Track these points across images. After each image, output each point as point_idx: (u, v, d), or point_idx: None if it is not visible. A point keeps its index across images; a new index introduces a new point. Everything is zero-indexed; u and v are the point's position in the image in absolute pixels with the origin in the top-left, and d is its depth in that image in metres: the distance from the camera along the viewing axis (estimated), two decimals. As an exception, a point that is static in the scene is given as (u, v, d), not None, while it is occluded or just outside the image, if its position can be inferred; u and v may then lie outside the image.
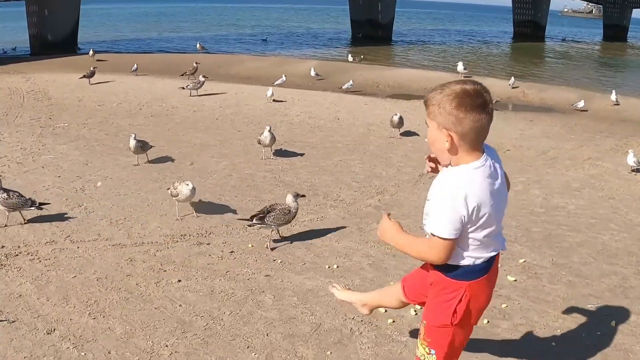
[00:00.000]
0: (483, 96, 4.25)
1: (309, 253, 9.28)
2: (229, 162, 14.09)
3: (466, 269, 4.47)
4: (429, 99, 4.34)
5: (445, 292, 4.57)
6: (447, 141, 4.24)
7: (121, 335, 6.70)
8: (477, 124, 4.22)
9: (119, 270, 8.32)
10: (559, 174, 14.69)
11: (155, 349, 6.47)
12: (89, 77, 25.30)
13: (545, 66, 45.74)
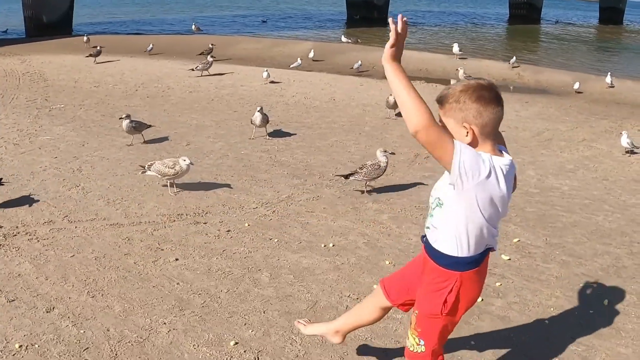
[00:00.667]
0: (496, 90, 4.38)
1: (305, 232, 9.35)
2: (225, 143, 14.15)
3: (460, 260, 4.51)
4: (445, 97, 4.40)
5: (437, 282, 4.63)
6: (468, 134, 4.30)
7: (120, 313, 6.77)
8: (495, 116, 4.34)
9: (116, 250, 8.39)
10: (553, 155, 14.75)
11: (154, 326, 6.55)
12: (95, 55, 25.48)
13: (541, 48, 45.67)
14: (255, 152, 13.51)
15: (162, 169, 10.60)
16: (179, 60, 27.09)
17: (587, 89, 25.96)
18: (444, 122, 4.38)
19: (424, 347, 4.79)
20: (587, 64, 36.17)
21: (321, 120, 17.25)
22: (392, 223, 9.90)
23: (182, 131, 15.02)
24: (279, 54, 30.96)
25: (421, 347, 4.80)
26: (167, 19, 48.13)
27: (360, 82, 23.94)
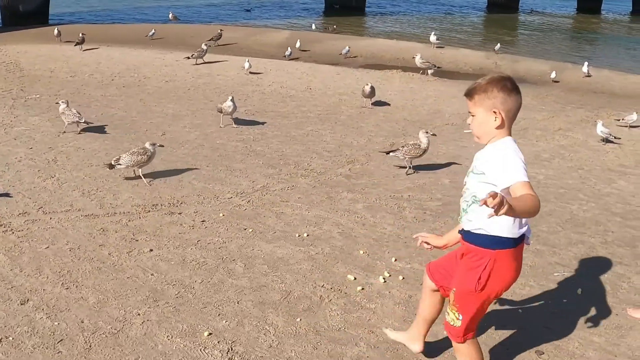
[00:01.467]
0: (514, 81, 5.08)
1: (279, 222, 9.39)
2: (201, 132, 14.14)
3: (495, 239, 4.99)
4: (474, 90, 5.06)
5: (473, 260, 5.11)
6: (497, 118, 4.97)
7: (94, 305, 6.79)
8: (517, 103, 5.04)
9: (91, 241, 8.39)
10: (529, 144, 14.83)
11: (128, 317, 6.57)
12: (80, 43, 25.38)
13: (519, 37, 45.74)
14: (231, 142, 13.51)
15: (134, 157, 10.62)
16: (155, 49, 26.94)
17: (564, 78, 26.07)
18: (472, 113, 5.09)
19: (461, 322, 5.27)
20: (565, 53, 36.28)
21: (297, 109, 17.26)
22: (366, 212, 9.95)
23: (158, 121, 15.00)
24: (255, 42, 30.87)
25: (459, 322, 5.28)
26: (142, 7, 47.83)
27: (336, 71, 23.92)
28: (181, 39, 30.28)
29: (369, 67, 26.13)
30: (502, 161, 4.89)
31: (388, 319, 6.82)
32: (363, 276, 7.77)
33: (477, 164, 5.14)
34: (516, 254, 5.15)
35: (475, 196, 5.03)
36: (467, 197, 5.17)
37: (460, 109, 18.30)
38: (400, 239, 8.98)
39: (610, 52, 38.80)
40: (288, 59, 26.54)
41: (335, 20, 43.24)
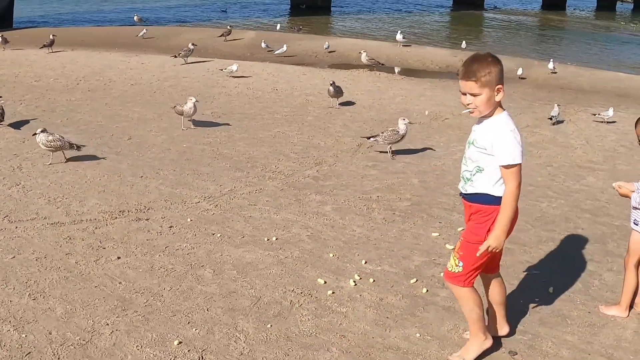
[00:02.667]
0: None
1: (247, 226, 9.31)
2: (167, 136, 14.02)
3: (498, 198, 5.61)
4: (476, 72, 5.48)
5: (483, 216, 5.70)
6: (502, 92, 5.57)
7: (62, 315, 6.68)
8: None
9: (58, 249, 8.26)
10: (497, 142, 14.81)
11: (96, 327, 6.47)
12: (49, 45, 25.19)
13: (485, 34, 45.93)
14: (198, 145, 13.41)
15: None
16: (120, 52, 26.75)
17: (531, 74, 26.21)
18: (477, 93, 5.51)
19: (461, 268, 5.83)
20: (531, 50, 36.50)
21: (264, 110, 17.18)
22: (335, 214, 9.90)
23: (124, 125, 14.84)
24: (222, 44, 30.74)
25: (459, 268, 5.84)
26: (105, 10, 47.52)
27: (302, 71, 23.87)
28: (145, 41, 30.12)
29: (335, 67, 26.14)
30: (503, 142, 5.51)
31: (359, 323, 6.77)
32: (333, 280, 7.72)
33: (478, 138, 5.66)
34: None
35: (479, 166, 5.65)
36: (470, 167, 5.74)
37: (428, 107, 18.34)
38: (370, 241, 8.95)
39: (576, 48, 39.08)
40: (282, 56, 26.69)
41: (301, 20, 43.23)
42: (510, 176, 5.51)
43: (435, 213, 10.18)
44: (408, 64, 28.32)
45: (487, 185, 5.63)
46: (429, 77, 25.49)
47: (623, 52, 39.55)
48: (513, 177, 5.50)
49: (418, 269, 8.14)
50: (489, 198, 5.65)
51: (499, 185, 5.60)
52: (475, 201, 5.75)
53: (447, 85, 23.02)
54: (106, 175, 11.11)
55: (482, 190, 5.68)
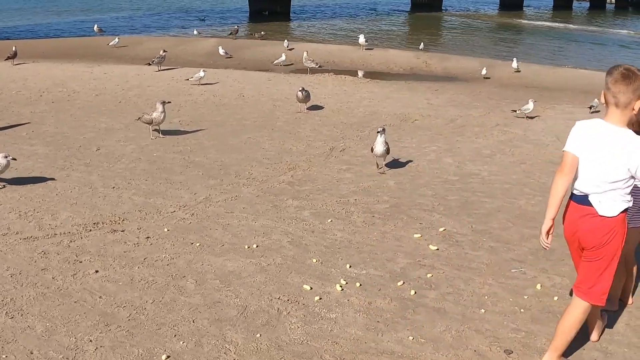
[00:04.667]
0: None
1: (226, 234, 9.13)
2: (137, 145, 13.77)
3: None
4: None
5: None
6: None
7: (42, 334, 6.42)
8: None
9: (33, 265, 7.99)
10: (469, 142, 14.82)
11: (79, 344, 6.23)
12: (12, 57, 24.84)
13: (446, 36, 46.13)
14: (168, 154, 13.18)
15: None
16: (82, 62, 26.41)
17: (495, 74, 26.30)
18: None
19: None
20: (492, 50, 36.65)
21: (232, 117, 16.99)
22: (314, 219, 9.75)
23: (91, 136, 14.55)
24: (184, 52, 30.46)
25: None
26: (63, 21, 47.00)
27: (268, 77, 23.74)
28: (106, 51, 29.82)
29: (299, 72, 26.01)
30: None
31: (350, 328, 6.61)
32: (319, 285, 7.56)
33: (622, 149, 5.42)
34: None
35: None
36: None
37: (396, 109, 18.26)
38: (352, 245, 8.81)
39: (536, 47, 39.29)
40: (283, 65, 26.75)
41: (261, 26, 43.04)
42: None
43: (414, 214, 10.05)
44: (372, 67, 28.20)
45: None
46: (394, 80, 25.44)
47: (583, 49, 39.86)
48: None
49: (404, 271, 8.02)
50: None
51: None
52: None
53: (413, 87, 23.00)
54: (77, 187, 10.86)
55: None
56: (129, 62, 26.86)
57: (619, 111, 5.46)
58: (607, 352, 6.38)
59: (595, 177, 5.53)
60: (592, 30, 53.14)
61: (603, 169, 5.46)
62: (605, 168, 5.45)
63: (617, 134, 5.45)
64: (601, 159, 5.47)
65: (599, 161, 5.48)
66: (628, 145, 5.39)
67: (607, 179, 5.47)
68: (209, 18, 52.53)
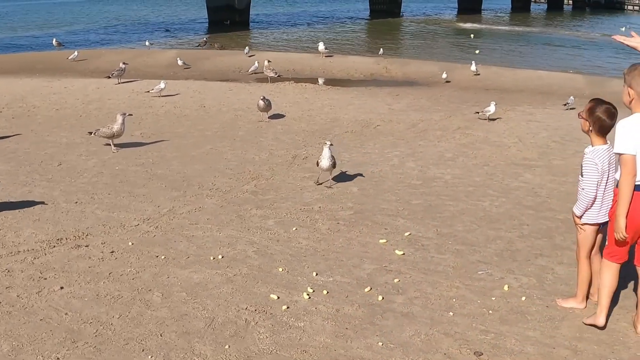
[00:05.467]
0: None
1: (191, 245, 9.07)
2: (98, 159, 13.66)
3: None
4: None
5: None
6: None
7: (8, 353, 6.33)
8: None
9: (-4, 283, 7.93)
10: (431, 146, 14.89)
11: (46, 362, 6.18)
12: None
13: (405, 41, 46.38)
14: (130, 167, 13.10)
15: None
16: (42, 77, 26.19)
17: (455, 77, 26.46)
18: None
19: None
20: (451, 54, 36.88)
21: (193, 128, 16.95)
22: (279, 228, 9.73)
23: (53, 151, 14.42)
24: (143, 64, 30.35)
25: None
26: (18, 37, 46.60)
27: (228, 87, 23.72)
28: (65, 65, 29.61)
29: (260, 81, 25.99)
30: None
31: (319, 336, 6.61)
32: (286, 294, 7.55)
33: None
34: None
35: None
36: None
37: (358, 115, 18.31)
38: (318, 252, 8.80)
39: (495, 49, 39.58)
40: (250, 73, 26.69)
41: (221, 36, 42.99)
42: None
43: (379, 220, 10.07)
44: (333, 74, 28.32)
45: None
46: (354, 86, 25.53)
47: (541, 51, 40.18)
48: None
49: (370, 277, 8.02)
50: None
51: None
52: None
53: (373, 92, 23.09)
54: (39, 203, 10.74)
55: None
56: (89, 75, 26.73)
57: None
58: (576, 350, 6.43)
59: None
60: (549, 32, 53.64)
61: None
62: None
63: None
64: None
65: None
66: None
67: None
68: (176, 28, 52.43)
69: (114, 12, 70.04)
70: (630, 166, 6.10)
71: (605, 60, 36.42)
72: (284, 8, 78.81)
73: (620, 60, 33.16)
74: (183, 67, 29.09)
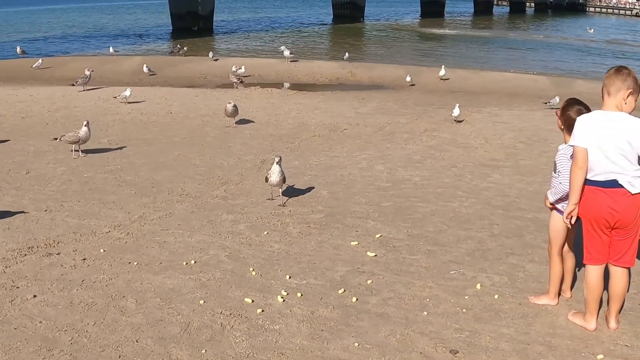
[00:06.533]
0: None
1: (163, 251, 9.05)
2: (67, 167, 13.58)
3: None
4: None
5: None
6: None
7: (-17, 362, 6.33)
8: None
9: (-32, 293, 7.87)
10: (399, 148, 14.97)
11: (22, 371, 6.15)
12: None
13: (369, 45, 46.53)
14: (99, 174, 13.04)
15: None
16: (6, 85, 26.01)
17: (420, 80, 26.60)
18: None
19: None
20: (416, 57, 37.07)
21: (161, 134, 16.90)
22: (250, 232, 9.74)
23: (20, 159, 14.30)
24: (109, 71, 30.27)
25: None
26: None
27: (195, 93, 23.71)
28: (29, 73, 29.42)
29: (225, 87, 26.00)
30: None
31: (295, 338, 6.62)
32: (260, 298, 7.56)
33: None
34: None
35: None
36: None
37: (324, 119, 18.35)
38: (290, 256, 8.82)
39: (459, 52, 39.81)
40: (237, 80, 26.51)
41: (186, 42, 42.90)
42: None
43: (350, 222, 10.11)
44: (298, 79, 28.41)
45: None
46: (320, 91, 25.60)
47: (506, 53, 40.50)
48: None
49: (344, 279, 8.05)
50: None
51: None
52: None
53: (340, 96, 23.14)
54: (8, 211, 10.67)
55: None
56: (55, 83, 26.61)
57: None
58: (550, 346, 6.50)
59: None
60: (513, 35, 54.09)
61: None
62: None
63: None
64: None
65: None
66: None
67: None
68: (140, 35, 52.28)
69: (75, 20, 69.74)
70: (579, 158, 6.23)
71: (570, 61, 36.81)
72: (247, 14, 78.86)
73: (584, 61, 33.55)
74: (148, 74, 29.03)
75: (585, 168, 6.23)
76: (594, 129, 6.22)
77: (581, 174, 6.25)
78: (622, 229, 6.36)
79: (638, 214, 6.34)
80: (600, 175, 6.25)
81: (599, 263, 6.58)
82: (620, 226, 6.35)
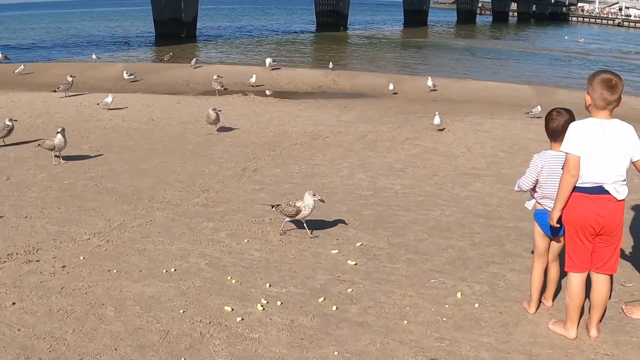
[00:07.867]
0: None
1: (143, 259, 9.02)
2: (47, 174, 13.53)
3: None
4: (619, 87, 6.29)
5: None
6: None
7: (-40, 370, 6.30)
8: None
9: (-54, 301, 7.81)
10: (380, 157, 14.98)
11: (0, 379, 6.12)
12: None
13: (352, 53, 46.60)
14: (80, 181, 12.99)
15: None
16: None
17: (403, 89, 26.65)
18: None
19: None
20: (399, 65, 37.15)
21: (143, 141, 16.86)
22: (231, 240, 9.72)
23: (1, 165, 14.22)
24: (92, 77, 30.20)
25: None
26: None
27: (177, 100, 23.68)
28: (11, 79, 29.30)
29: (208, 94, 25.97)
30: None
31: (275, 347, 6.61)
32: (240, 306, 7.54)
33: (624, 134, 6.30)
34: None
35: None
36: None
37: (306, 127, 18.35)
38: (271, 264, 8.80)
39: (440, 60, 39.89)
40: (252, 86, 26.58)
41: (169, 48, 42.87)
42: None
43: (330, 231, 10.11)
44: (280, 87, 28.41)
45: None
46: (302, 98, 25.62)
47: (488, 62, 40.63)
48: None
49: (324, 288, 8.05)
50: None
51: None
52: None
53: (322, 104, 23.16)
54: (-13, 220, 10.64)
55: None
56: (37, 89, 26.50)
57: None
58: (531, 355, 6.52)
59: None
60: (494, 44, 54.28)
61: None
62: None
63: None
64: None
65: None
66: None
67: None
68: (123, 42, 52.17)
69: (57, 26, 69.53)
70: (570, 165, 6.25)
71: (551, 70, 36.98)
72: (230, 22, 78.82)
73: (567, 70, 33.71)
74: (130, 81, 28.97)
75: (577, 176, 6.26)
76: (584, 136, 6.24)
77: (572, 182, 6.29)
78: (607, 235, 6.40)
79: (622, 221, 6.41)
80: (587, 183, 6.28)
81: (582, 271, 6.61)
82: (605, 232, 6.38)
